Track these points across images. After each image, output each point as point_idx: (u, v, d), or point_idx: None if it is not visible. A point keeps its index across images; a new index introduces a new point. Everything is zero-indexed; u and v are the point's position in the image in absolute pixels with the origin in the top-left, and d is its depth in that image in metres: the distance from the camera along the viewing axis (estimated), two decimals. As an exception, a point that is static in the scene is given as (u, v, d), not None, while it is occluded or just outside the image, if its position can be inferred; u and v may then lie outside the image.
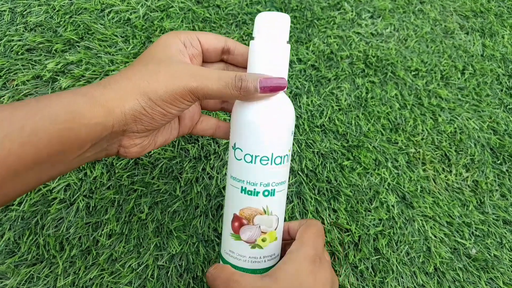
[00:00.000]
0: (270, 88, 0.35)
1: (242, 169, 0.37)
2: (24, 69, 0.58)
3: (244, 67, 0.39)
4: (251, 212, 0.38)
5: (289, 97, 0.62)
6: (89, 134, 0.29)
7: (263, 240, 0.40)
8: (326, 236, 0.53)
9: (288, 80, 0.63)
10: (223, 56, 0.39)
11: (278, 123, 0.37)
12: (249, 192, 0.37)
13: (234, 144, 0.38)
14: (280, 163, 0.37)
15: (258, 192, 0.37)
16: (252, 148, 0.36)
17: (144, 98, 0.31)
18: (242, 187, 0.37)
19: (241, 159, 0.37)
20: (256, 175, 0.37)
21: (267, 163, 0.37)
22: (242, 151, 0.37)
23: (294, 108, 0.61)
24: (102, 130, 0.30)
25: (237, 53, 0.39)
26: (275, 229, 0.40)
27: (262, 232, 0.39)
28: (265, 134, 0.36)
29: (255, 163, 0.37)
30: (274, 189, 0.38)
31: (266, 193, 0.38)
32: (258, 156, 0.36)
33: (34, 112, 0.27)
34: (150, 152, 0.55)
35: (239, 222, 0.39)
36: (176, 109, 0.33)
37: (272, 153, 0.37)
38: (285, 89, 0.36)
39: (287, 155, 0.38)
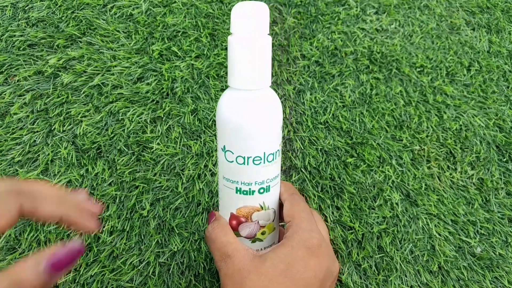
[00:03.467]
0: (62, 268, 0.26)
1: (235, 170, 0.36)
2: (25, 64, 0.57)
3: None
4: (248, 210, 0.38)
5: (292, 93, 0.61)
6: None
7: (263, 233, 0.40)
8: (329, 234, 0.53)
9: (291, 76, 0.63)
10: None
11: (268, 123, 0.35)
12: (244, 192, 0.37)
13: (224, 147, 0.36)
14: (273, 160, 0.37)
15: (253, 191, 0.37)
16: (243, 150, 0.35)
17: None
18: (236, 187, 0.37)
19: (232, 161, 0.36)
20: (250, 175, 0.36)
21: (260, 162, 0.36)
22: (233, 153, 0.36)
23: (298, 104, 0.60)
24: None
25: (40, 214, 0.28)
26: (273, 221, 0.40)
27: (261, 226, 0.39)
28: (256, 136, 0.35)
29: (247, 164, 0.36)
30: (269, 185, 0.37)
31: (261, 190, 0.37)
32: (251, 157, 0.35)
33: None
34: (152, 148, 0.54)
35: (237, 220, 0.38)
36: None
37: (264, 152, 0.36)
38: (81, 255, 0.28)
39: (278, 150, 0.37)
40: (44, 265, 0.26)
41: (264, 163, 0.36)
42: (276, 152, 0.37)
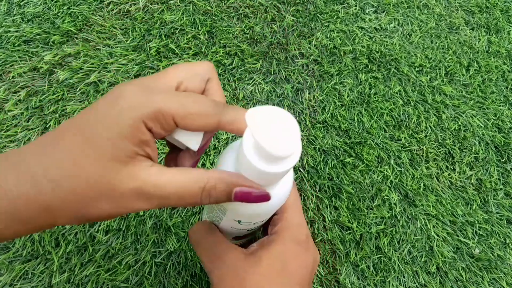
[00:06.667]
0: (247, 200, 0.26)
1: (234, 225, 0.34)
2: (21, 60, 0.57)
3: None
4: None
5: (291, 92, 0.61)
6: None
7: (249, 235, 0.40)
8: (327, 234, 0.52)
9: (290, 74, 0.62)
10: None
11: (274, 208, 0.31)
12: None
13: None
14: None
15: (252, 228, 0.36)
16: (246, 219, 0.32)
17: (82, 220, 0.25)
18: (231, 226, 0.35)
19: (236, 221, 0.33)
20: (249, 220, 0.34)
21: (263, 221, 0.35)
22: (235, 219, 0.33)
23: (296, 103, 0.60)
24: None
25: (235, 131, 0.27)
26: None
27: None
28: (261, 217, 0.32)
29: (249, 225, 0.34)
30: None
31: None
32: (254, 223, 0.33)
33: None
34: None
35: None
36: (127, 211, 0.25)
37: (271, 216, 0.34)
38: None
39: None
40: (234, 193, 0.26)
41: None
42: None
